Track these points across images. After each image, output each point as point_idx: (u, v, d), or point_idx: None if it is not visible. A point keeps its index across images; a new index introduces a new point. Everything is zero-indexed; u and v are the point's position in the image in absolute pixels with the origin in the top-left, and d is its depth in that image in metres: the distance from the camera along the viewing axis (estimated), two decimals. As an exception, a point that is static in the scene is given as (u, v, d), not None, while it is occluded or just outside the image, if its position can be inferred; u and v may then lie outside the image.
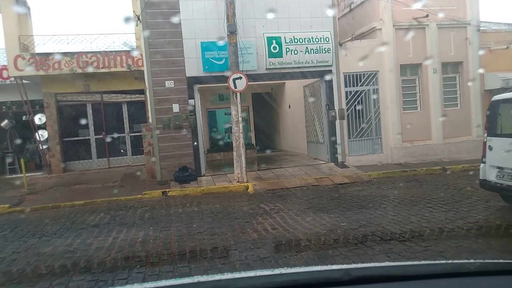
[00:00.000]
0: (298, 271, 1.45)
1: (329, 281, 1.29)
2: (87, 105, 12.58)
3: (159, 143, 9.93)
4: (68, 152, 12.51)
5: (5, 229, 6.37)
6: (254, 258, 4.24)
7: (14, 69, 10.96)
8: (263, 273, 1.42)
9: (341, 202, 7.00)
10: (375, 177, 9.72)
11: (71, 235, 5.66)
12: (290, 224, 5.58)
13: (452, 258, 3.90)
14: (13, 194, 9.68)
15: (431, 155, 11.48)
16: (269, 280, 1.33)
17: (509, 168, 5.50)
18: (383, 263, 1.61)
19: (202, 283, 1.33)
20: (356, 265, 1.48)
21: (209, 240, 5.06)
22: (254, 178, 9.88)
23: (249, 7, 10.14)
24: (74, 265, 4.25)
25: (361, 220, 5.55)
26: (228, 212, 6.65)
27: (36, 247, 5.18)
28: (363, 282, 1.29)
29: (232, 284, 1.33)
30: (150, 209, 7.35)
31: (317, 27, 10.66)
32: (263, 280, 1.34)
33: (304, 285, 1.28)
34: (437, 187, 8.01)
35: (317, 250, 4.34)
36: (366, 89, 11.29)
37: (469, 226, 5.03)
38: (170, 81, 10.02)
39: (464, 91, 11.93)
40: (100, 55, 11.37)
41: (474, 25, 11.65)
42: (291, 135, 15.21)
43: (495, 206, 6.05)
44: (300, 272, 1.44)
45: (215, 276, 1.36)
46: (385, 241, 4.54)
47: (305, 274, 1.39)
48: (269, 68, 10.38)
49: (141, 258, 4.43)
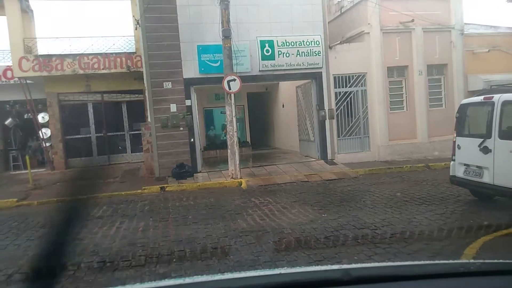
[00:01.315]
0: (298, 271, 1.47)
1: (329, 281, 1.29)
2: (88, 105, 13.12)
3: (157, 141, 10.49)
4: (70, 150, 13.05)
5: (16, 221, 6.93)
6: (242, 243, 4.83)
7: (18, 70, 11.47)
8: (263, 273, 1.45)
9: (325, 197, 7.60)
10: (362, 173, 10.31)
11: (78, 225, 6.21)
12: (276, 215, 6.18)
13: (412, 238, 4.50)
14: (19, 189, 10.22)
15: (417, 153, 12.08)
16: (269, 280, 1.33)
17: (474, 165, 6.10)
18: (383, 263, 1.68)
19: (202, 283, 1.33)
20: (356, 265, 1.50)
21: (203, 229, 5.64)
22: (248, 174, 10.45)
23: (243, 12, 10.67)
24: (84, 249, 4.83)
25: (341, 212, 6.15)
26: (221, 205, 7.23)
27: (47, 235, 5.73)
28: (363, 282, 1.29)
29: (232, 284, 1.32)
30: (149, 203, 7.91)
31: (308, 31, 11.21)
32: (263, 280, 1.34)
33: (304, 285, 1.28)
34: (417, 183, 8.61)
35: (297, 237, 4.94)
36: (354, 90, 11.87)
37: (435, 217, 5.63)
38: (168, 82, 10.56)
39: (448, 92, 12.52)
40: (101, 57, 11.90)
41: (458, 29, 12.24)
42: (284, 133, 15.79)
43: (464, 200, 6.66)
44: (300, 272, 1.45)
45: (215, 276, 1.38)
46: (358, 229, 5.14)
47: (305, 274, 1.39)
48: (262, 70, 10.93)
49: (143, 243, 5.01)
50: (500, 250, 4.22)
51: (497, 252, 4.16)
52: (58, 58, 11.68)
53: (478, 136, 6.04)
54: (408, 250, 4.32)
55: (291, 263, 4.08)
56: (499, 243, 4.38)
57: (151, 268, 4.24)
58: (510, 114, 5.60)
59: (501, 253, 4.20)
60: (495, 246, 4.29)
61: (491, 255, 3.93)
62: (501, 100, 5.65)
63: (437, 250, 4.28)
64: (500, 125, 5.64)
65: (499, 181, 5.64)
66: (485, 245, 4.25)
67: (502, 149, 5.60)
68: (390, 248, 4.45)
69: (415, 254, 4.20)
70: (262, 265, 4.05)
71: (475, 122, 6.30)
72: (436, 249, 4.30)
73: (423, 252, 4.26)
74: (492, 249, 4.16)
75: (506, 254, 4.14)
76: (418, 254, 4.19)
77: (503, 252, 4.16)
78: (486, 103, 5.90)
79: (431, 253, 4.19)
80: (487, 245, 4.26)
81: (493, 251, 4.11)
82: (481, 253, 3.97)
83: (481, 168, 5.95)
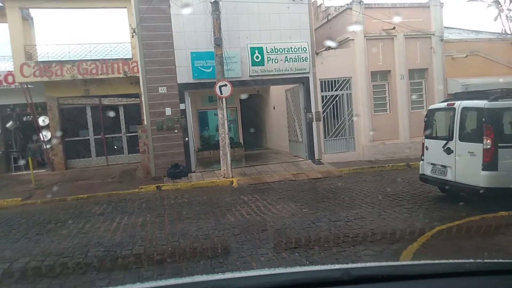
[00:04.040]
0: (298, 270, 1.48)
1: (329, 281, 1.30)
2: (87, 108, 13.71)
3: (153, 143, 11.11)
4: (70, 151, 13.63)
5: (23, 218, 7.52)
6: (229, 235, 5.48)
7: (20, 75, 12.04)
8: (263, 273, 1.47)
9: (309, 194, 8.27)
10: (346, 172, 10.99)
11: (82, 221, 6.84)
12: (262, 211, 6.83)
13: (378, 229, 5.18)
14: (22, 189, 10.78)
15: (399, 153, 12.79)
16: (269, 280, 1.34)
17: (439, 164, 6.79)
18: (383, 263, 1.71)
19: (202, 283, 1.34)
20: (356, 265, 1.51)
21: (195, 223, 6.28)
22: (239, 174, 11.10)
23: (234, 20, 11.31)
24: (89, 241, 5.45)
25: (320, 207, 6.82)
26: (213, 203, 7.87)
27: (54, 230, 6.36)
28: (363, 281, 1.30)
29: (232, 283, 1.33)
30: (146, 201, 8.53)
31: (296, 38, 11.87)
32: (263, 280, 1.35)
33: (304, 285, 1.29)
34: (395, 181, 9.30)
35: (278, 229, 5.60)
36: (340, 94, 12.55)
37: (403, 211, 6.32)
38: (163, 87, 11.17)
39: (429, 94, 13.24)
40: (99, 63, 12.50)
41: (437, 36, 12.96)
42: (275, 134, 16.45)
43: (432, 196, 7.35)
44: (300, 272, 1.46)
45: (215, 275, 1.39)
46: (332, 222, 5.81)
47: (305, 274, 1.40)
48: (252, 75, 11.58)
49: (142, 236, 5.64)
50: (447, 237, 4.91)
51: (446, 239, 4.85)
52: (58, 64, 12.26)
53: (442, 138, 6.74)
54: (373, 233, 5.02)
55: (270, 250, 4.74)
56: (449, 232, 5.06)
57: (150, 255, 4.88)
58: (468, 119, 6.29)
59: (449, 240, 4.89)
60: (445, 234, 4.97)
61: (436, 241, 4.63)
62: (461, 106, 6.35)
63: (398, 237, 4.96)
64: (460, 129, 6.34)
65: (459, 179, 6.33)
66: (438, 233, 4.94)
67: (461, 150, 6.29)
68: (358, 233, 5.14)
69: (376, 242, 4.88)
70: (245, 252, 4.70)
71: (440, 126, 6.99)
72: (396, 237, 4.97)
73: (384, 241, 4.93)
74: (441, 236, 4.84)
75: (451, 240, 4.82)
76: (379, 243, 4.86)
77: (450, 239, 4.84)
78: (449, 109, 6.59)
79: (389, 240, 4.88)
80: (439, 233, 4.95)
81: (440, 239, 4.80)
82: (431, 240, 4.65)
83: (445, 167, 6.64)
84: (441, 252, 4.40)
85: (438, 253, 4.34)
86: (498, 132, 5.82)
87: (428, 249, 4.44)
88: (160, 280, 1.39)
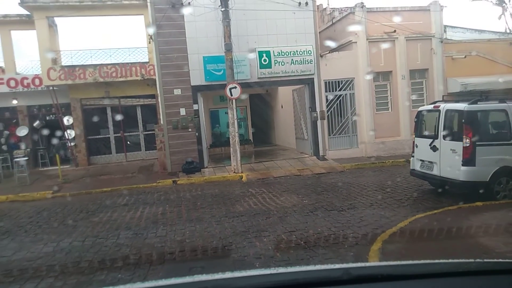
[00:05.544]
0: (298, 270, 1.48)
1: (329, 280, 1.30)
2: (107, 108, 14.76)
3: (169, 141, 12.05)
4: (92, 148, 14.71)
5: (57, 208, 8.54)
6: (238, 221, 6.37)
7: (47, 79, 13.11)
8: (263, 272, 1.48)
9: (311, 187, 9.10)
10: (348, 168, 11.76)
11: (109, 211, 7.81)
12: (267, 202, 7.70)
13: (367, 221, 5.99)
14: (51, 183, 11.85)
15: (400, 149, 13.48)
16: (269, 279, 1.35)
17: (427, 160, 7.54)
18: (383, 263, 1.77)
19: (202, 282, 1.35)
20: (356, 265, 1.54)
21: (208, 212, 7.19)
22: (248, 169, 11.98)
23: (243, 26, 12.13)
24: (119, 226, 6.41)
25: (320, 199, 7.65)
26: (224, 195, 8.76)
27: (87, 218, 7.34)
28: (363, 281, 1.30)
29: (232, 283, 1.34)
30: (164, 194, 9.47)
31: (301, 42, 12.64)
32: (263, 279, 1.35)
33: (304, 284, 1.29)
34: (392, 175, 10.06)
35: (280, 216, 6.46)
36: (343, 94, 13.29)
37: (392, 202, 7.11)
38: (178, 89, 12.10)
39: (429, 94, 13.87)
40: (118, 66, 13.49)
41: (437, 37, 13.56)
42: (283, 132, 17.27)
43: (422, 189, 8.10)
44: (300, 271, 1.46)
45: (215, 275, 1.38)
46: (328, 210, 6.65)
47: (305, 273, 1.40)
48: (260, 77, 12.40)
49: (163, 222, 6.58)
50: (423, 222, 5.68)
51: (421, 224, 5.61)
52: (81, 68, 13.30)
53: (429, 137, 7.49)
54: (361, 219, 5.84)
55: (272, 233, 5.60)
56: (426, 218, 5.85)
57: (171, 237, 5.80)
58: (451, 120, 7.03)
59: (423, 224, 5.63)
60: (422, 220, 5.76)
61: (412, 226, 5.43)
62: (445, 108, 7.08)
63: (382, 223, 5.77)
64: (444, 129, 7.07)
65: (444, 173, 7.08)
66: (415, 220, 5.74)
67: (445, 148, 7.03)
68: (349, 220, 5.96)
69: (362, 227, 5.70)
70: (250, 234, 5.58)
71: (428, 126, 7.73)
72: (380, 223, 5.78)
73: (369, 226, 5.74)
74: (418, 223, 5.63)
75: (425, 225, 5.57)
76: (365, 227, 5.68)
77: (424, 225, 5.60)
78: (435, 111, 7.33)
79: (374, 225, 5.69)
80: (417, 220, 5.74)
81: (417, 224, 5.59)
82: (408, 225, 5.46)
83: (432, 163, 7.39)
84: (411, 235, 5.19)
85: (409, 237, 5.14)
86: (476, 132, 6.55)
87: (404, 233, 5.25)
88: (160, 280, 1.41)
